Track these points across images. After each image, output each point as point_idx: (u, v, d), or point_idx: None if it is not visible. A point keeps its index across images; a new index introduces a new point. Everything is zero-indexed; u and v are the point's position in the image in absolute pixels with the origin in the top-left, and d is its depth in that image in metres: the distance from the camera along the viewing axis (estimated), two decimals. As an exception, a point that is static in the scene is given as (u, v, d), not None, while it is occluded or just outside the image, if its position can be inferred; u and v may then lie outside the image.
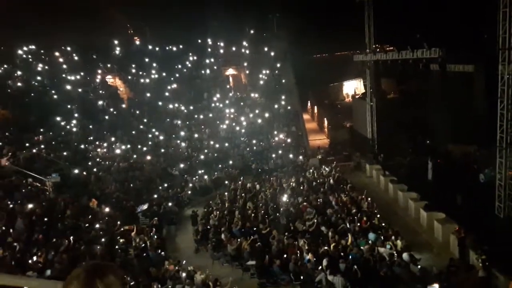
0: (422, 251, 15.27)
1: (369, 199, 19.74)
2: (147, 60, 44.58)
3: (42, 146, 28.38)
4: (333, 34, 43.39)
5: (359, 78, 41.47)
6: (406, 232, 16.60)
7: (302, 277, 13.49)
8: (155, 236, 17.95)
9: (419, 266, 13.29)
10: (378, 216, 17.75)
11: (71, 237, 16.25)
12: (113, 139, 32.16)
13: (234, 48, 47.15)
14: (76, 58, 42.83)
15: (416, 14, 33.96)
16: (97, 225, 18.58)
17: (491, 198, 16.98)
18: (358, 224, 16.54)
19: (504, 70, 15.79)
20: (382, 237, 15.33)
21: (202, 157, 30.31)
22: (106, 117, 36.20)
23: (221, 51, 47.55)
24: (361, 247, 14.35)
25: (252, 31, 48.34)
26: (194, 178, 27.01)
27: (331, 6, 43.46)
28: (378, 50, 28.86)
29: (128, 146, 31.67)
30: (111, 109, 37.57)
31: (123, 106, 39.65)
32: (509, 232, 15.49)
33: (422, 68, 21.40)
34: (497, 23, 15.98)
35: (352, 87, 45.66)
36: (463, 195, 18.43)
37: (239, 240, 16.23)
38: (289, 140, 33.12)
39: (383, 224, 16.79)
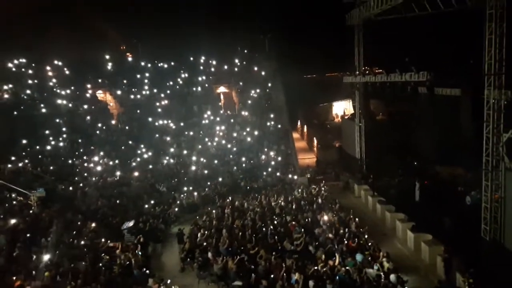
0: (409, 272, 15.22)
1: (357, 219, 19.74)
2: (138, 76, 44.68)
3: (27, 161, 27.96)
4: (323, 56, 44.19)
5: (349, 99, 41.96)
6: (393, 253, 16.54)
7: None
8: (140, 254, 17.62)
9: (406, 288, 13.24)
10: (366, 236, 17.72)
11: (55, 253, 15.93)
12: (101, 154, 31.87)
13: (225, 67, 47.59)
14: (67, 72, 42.71)
15: (405, 39, 34.77)
16: (82, 242, 18.28)
17: (477, 220, 17.10)
18: (346, 244, 16.49)
19: (490, 94, 16.15)
20: (369, 257, 15.27)
21: (190, 174, 30.12)
22: (96, 132, 35.96)
23: (213, 69, 47.93)
24: (349, 268, 14.25)
25: (244, 51, 48.92)
26: (182, 195, 26.75)
27: (322, 28, 44.30)
28: (367, 72, 29.38)
29: (116, 161, 31.39)
30: (100, 124, 37.34)
31: (113, 122, 39.46)
32: (495, 255, 15.56)
33: (410, 91, 21.78)
34: (483, 49, 16.42)
35: (342, 108, 46.24)
36: (450, 217, 18.56)
37: (225, 259, 16.02)
38: (279, 159, 33.17)
39: (371, 245, 16.76)
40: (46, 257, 15.96)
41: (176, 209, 24.69)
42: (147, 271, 16.41)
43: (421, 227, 18.14)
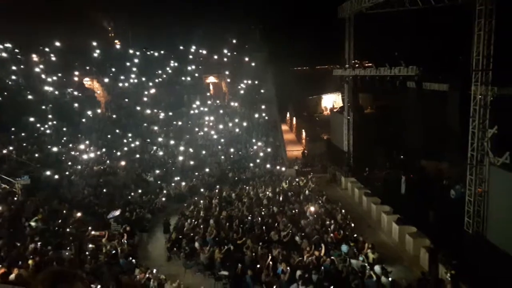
0: (393, 263, 15.46)
1: (343, 211, 19.95)
2: (127, 64, 44.14)
3: (11, 148, 27.49)
4: (314, 48, 44.08)
5: (338, 92, 42.17)
6: (378, 244, 16.77)
7: (274, 288, 13.42)
8: (127, 243, 17.55)
9: (390, 279, 13.43)
10: (352, 226, 17.93)
11: (39, 242, 15.76)
12: (87, 142, 31.51)
13: (216, 57, 47.27)
14: (53, 59, 41.96)
15: (395, 33, 34.85)
16: (67, 230, 18.13)
17: (461, 214, 17.39)
18: (332, 235, 16.66)
19: (477, 90, 16.32)
20: (355, 249, 15.46)
21: (178, 163, 29.99)
22: (83, 120, 35.51)
23: (202, 58, 47.57)
24: (334, 258, 14.41)
25: (234, 41, 48.62)
26: (169, 185, 26.65)
27: (313, 21, 44.18)
28: (357, 65, 29.41)
29: (103, 150, 31.10)
30: (88, 112, 36.88)
31: (99, 110, 38.99)
32: (477, 248, 15.87)
33: (399, 85, 21.87)
34: (472, 46, 16.56)
35: (331, 101, 46.35)
36: (434, 210, 18.84)
37: (212, 248, 16.05)
38: (267, 150, 33.21)
39: (356, 236, 16.96)
40: (31, 245, 15.79)
41: (163, 199, 24.62)
42: (133, 260, 16.38)
43: (406, 219, 18.41)
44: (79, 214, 20.07)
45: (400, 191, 23.13)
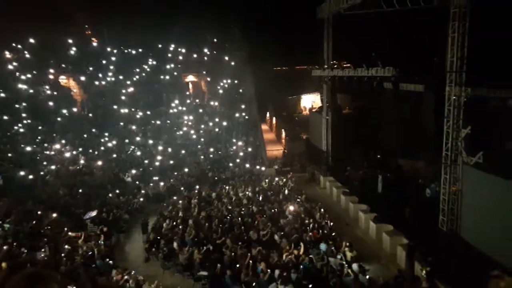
0: (370, 261, 15.70)
1: (322, 210, 20.13)
2: (104, 62, 43.34)
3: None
4: (293, 48, 44.35)
5: (317, 92, 42.49)
6: (356, 243, 16.99)
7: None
8: (103, 244, 17.26)
9: (367, 277, 13.62)
10: (331, 225, 18.11)
11: (13, 243, 15.34)
12: (63, 141, 30.81)
13: (195, 55, 46.94)
14: (27, 56, 40.84)
15: (373, 34, 35.39)
16: (42, 231, 17.68)
17: (436, 212, 17.79)
18: (311, 234, 16.78)
19: (451, 91, 16.72)
20: (333, 247, 15.62)
21: (156, 163, 29.63)
22: (58, 119, 34.69)
23: (181, 57, 47.15)
24: (312, 257, 14.53)
25: (214, 40, 48.40)
26: (148, 185, 26.31)
27: (292, 21, 44.40)
28: (335, 66, 29.70)
29: (79, 149, 30.47)
30: (63, 111, 36.05)
31: (75, 109, 38.17)
32: (451, 245, 16.27)
33: (376, 85, 22.20)
34: (446, 47, 16.95)
35: (310, 101, 46.73)
36: (410, 208, 19.22)
37: (191, 249, 15.95)
38: (247, 150, 33.20)
39: (334, 235, 17.14)
40: (4, 247, 15.34)
41: (141, 199, 24.30)
42: (110, 262, 16.11)
43: (382, 217, 18.73)
44: (54, 215, 19.61)
45: (377, 190, 23.50)
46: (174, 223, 19.22)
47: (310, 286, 12.95)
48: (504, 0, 18.33)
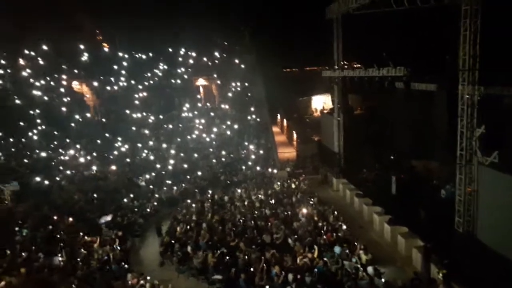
0: (386, 264, 15.54)
1: (335, 212, 20.03)
2: (115, 67, 43.82)
3: (0, 153, 27.14)
4: (303, 49, 44.28)
5: (328, 93, 42.31)
6: (371, 245, 16.87)
7: (268, 291, 13.43)
8: (119, 248, 17.44)
9: (383, 280, 13.52)
10: (344, 229, 18.00)
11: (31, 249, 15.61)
12: (77, 147, 31.24)
13: (205, 59, 47.14)
14: (41, 62, 41.49)
15: (383, 34, 35.16)
16: (58, 236, 17.95)
17: (451, 213, 17.58)
18: (324, 237, 16.71)
19: (464, 90, 16.51)
20: (347, 250, 15.53)
21: (169, 167, 29.84)
22: (72, 124, 35.18)
23: (192, 61, 47.39)
24: (327, 260, 14.47)
25: (224, 43, 48.58)
26: (161, 189, 26.51)
27: (302, 22, 44.31)
28: (346, 66, 29.61)
29: (94, 154, 30.85)
30: (77, 117, 36.54)
31: (89, 114, 38.66)
32: (467, 247, 16.05)
33: (388, 85, 22.02)
34: (459, 46, 16.76)
35: (321, 102, 46.54)
36: (425, 210, 19.01)
37: (205, 253, 16.02)
38: (259, 152, 33.21)
39: (349, 238, 17.03)
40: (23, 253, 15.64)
41: (155, 203, 24.50)
42: (126, 266, 16.30)
43: (397, 220, 18.55)
44: (70, 220, 19.90)
45: (390, 192, 23.29)
46: (188, 226, 19.31)
47: (325, 289, 12.91)
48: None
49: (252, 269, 14.48)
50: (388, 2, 22.19)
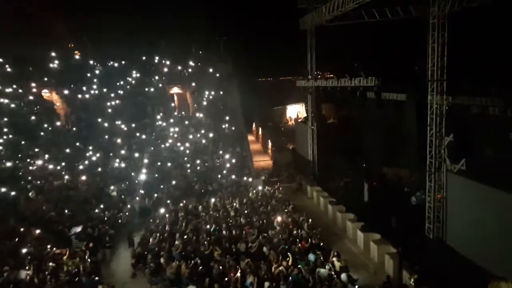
0: (359, 271, 15.74)
1: (309, 220, 20.14)
2: (87, 75, 42.93)
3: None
4: (278, 59, 44.78)
5: (302, 103, 42.85)
6: (344, 252, 17.06)
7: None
8: (89, 260, 16.93)
9: (356, 286, 13.65)
10: (318, 236, 18.12)
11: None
12: (46, 156, 30.28)
13: (179, 67, 46.85)
14: (8, 69, 40.17)
15: (355, 45, 36.01)
16: (25, 249, 17.27)
17: (422, 219, 17.99)
18: (299, 245, 16.76)
19: (433, 100, 17.07)
20: (321, 257, 15.61)
21: (142, 177, 29.28)
22: (41, 133, 34.12)
23: (166, 69, 46.99)
24: (301, 267, 14.49)
25: (199, 52, 48.46)
26: (133, 199, 25.96)
27: (276, 32, 44.87)
28: (319, 76, 30.10)
29: (63, 164, 29.98)
30: (46, 125, 35.47)
31: (58, 122, 37.62)
32: (438, 252, 16.43)
33: (359, 95, 22.50)
34: (427, 57, 17.34)
35: (295, 111, 47.09)
36: (396, 216, 19.39)
37: (178, 263, 15.75)
38: (234, 161, 33.10)
39: (323, 245, 17.15)
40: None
41: (127, 213, 23.96)
42: (97, 278, 15.81)
43: (370, 226, 18.84)
44: (37, 232, 19.20)
45: (363, 199, 23.67)
46: (161, 237, 18.97)
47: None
48: (480, 12, 18.80)
49: (226, 278, 14.33)
50: (360, 14, 22.89)
